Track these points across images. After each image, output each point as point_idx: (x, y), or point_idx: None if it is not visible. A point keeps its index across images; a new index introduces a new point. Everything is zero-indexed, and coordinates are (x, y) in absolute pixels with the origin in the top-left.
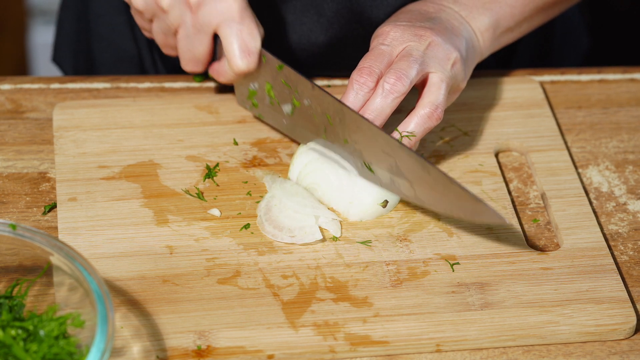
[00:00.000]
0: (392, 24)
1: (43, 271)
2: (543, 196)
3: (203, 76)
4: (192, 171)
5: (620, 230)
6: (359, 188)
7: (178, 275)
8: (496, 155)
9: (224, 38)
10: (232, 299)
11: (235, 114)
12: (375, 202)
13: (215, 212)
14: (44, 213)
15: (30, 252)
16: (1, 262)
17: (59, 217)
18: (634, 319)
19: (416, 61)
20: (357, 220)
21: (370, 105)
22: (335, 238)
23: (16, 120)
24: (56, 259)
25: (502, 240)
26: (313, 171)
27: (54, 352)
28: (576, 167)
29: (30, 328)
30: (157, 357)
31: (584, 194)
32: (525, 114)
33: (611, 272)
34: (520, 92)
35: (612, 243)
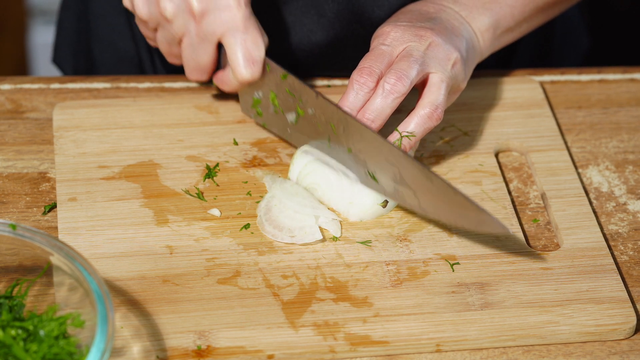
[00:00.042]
0: (392, 24)
1: (43, 271)
2: (543, 196)
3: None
4: (192, 171)
5: (620, 230)
6: (359, 188)
7: (178, 275)
8: (496, 155)
9: (228, 47)
10: (232, 299)
11: (235, 114)
12: (375, 202)
13: (215, 212)
14: (44, 213)
15: (30, 252)
16: (1, 262)
17: (59, 217)
18: (634, 319)
19: (416, 61)
20: (357, 220)
21: (371, 105)
22: (335, 238)
23: (16, 120)
24: (56, 259)
25: (502, 240)
26: (313, 171)
27: (54, 352)
28: (576, 167)
29: (30, 328)
30: (157, 357)
31: (584, 194)
32: (525, 114)
33: (611, 272)
34: (520, 92)
35: (612, 243)
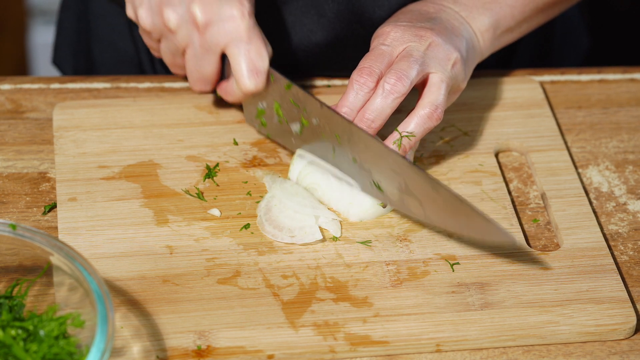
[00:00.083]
0: (392, 24)
1: (43, 271)
2: (543, 196)
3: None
4: (192, 171)
5: (620, 230)
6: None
7: (178, 275)
8: (496, 155)
9: (232, 58)
10: (232, 299)
11: (235, 114)
12: (375, 202)
13: (215, 212)
14: (44, 213)
15: (30, 252)
16: (1, 262)
17: (59, 217)
18: (634, 319)
19: (416, 61)
20: (357, 221)
21: (371, 105)
22: (335, 238)
23: (16, 120)
24: (56, 259)
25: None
26: (313, 171)
27: (54, 352)
28: (576, 167)
29: (30, 328)
30: (157, 357)
31: (584, 194)
32: (525, 114)
33: (611, 272)
34: (520, 92)
35: (612, 243)
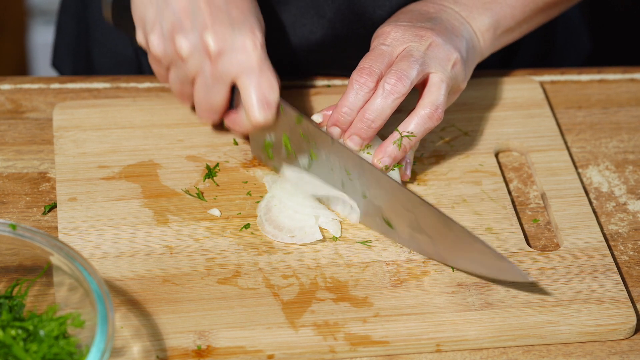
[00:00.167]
0: (392, 24)
1: (43, 271)
2: (543, 196)
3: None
4: (192, 171)
5: (620, 230)
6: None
7: (178, 275)
8: (496, 155)
9: (242, 89)
10: (232, 299)
11: None
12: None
13: (215, 212)
14: (44, 213)
15: (30, 252)
16: (1, 262)
17: (59, 217)
18: (634, 319)
19: (417, 62)
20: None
21: (371, 105)
22: (335, 238)
23: (16, 120)
24: (56, 259)
25: (502, 240)
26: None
27: (54, 352)
28: (576, 167)
29: (30, 328)
30: (157, 357)
31: (584, 194)
32: (525, 114)
33: (611, 272)
34: (520, 92)
35: (612, 243)
